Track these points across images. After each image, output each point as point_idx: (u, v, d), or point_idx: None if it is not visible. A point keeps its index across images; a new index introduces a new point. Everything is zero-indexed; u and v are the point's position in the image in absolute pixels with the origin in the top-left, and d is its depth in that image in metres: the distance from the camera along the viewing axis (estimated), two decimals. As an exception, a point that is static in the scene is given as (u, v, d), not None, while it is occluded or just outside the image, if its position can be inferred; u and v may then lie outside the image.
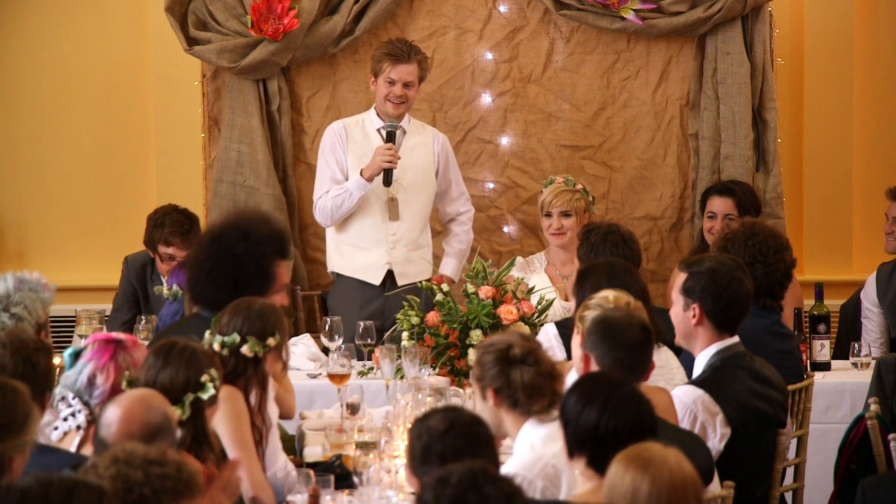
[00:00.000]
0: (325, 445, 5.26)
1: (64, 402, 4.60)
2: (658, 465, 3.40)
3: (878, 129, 8.41)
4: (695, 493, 3.42)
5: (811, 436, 6.09)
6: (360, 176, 7.11)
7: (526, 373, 4.28)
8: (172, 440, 4.03)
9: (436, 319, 6.34)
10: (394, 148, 7.09)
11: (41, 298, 4.99)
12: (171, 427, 4.02)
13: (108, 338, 4.65)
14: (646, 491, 3.38)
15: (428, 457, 3.69)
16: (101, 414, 4.04)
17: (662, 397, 4.97)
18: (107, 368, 4.62)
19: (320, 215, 7.28)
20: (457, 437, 3.66)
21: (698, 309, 5.18)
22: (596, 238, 6.10)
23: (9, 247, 8.36)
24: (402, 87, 7.18)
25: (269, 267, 5.49)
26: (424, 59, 7.28)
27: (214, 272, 5.41)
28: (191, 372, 4.39)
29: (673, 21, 7.84)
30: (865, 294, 7.45)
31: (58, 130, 8.34)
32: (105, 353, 4.63)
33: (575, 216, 7.20)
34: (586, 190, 7.30)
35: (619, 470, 3.43)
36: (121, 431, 3.96)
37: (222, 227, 5.59)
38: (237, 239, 5.46)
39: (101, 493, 3.24)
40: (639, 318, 4.66)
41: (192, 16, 7.87)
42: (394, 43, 7.30)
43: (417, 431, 3.74)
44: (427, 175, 7.32)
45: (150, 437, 3.95)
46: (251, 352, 4.84)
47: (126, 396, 4.11)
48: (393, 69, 7.17)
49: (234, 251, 5.43)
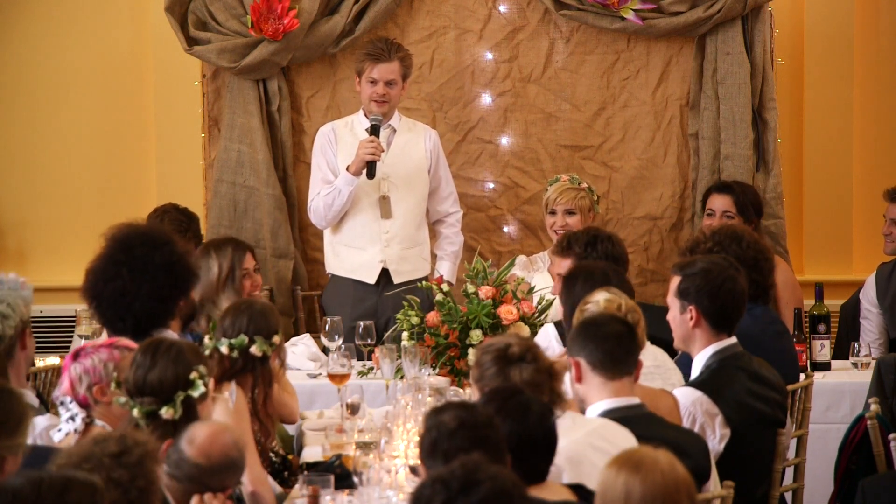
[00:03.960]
0: (325, 445, 5.26)
1: (63, 407, 4.61)
2: (650, 466, 3.40)
3: (878, 129, 8.41)
4: (688, 494, 3.42)
5: (811, 436, 6.09)
6: (346, 172, 7.14)
7: (525, 371, 4.28)
8: (236, 482, 4.16)
9: (436, 319, 6.35)
10: (377, 141, 7.11)
11: (21, 296, 4.98)
12: (241, 470, 4.13)
13: (127, 346, 4.67)
14: (639, 492, 3.38)
15: (434, 452, 3.68)
16: (187, 428, 4.14)
17: (667, 400, 4.98)
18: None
19: (314, 217, 7.31)
20: (465, 437, 3.65)
21: (695, 311, 5.18)
22: (579, 250, 6.11)
23: (9, 247, 8.36)
24: (385, 85, 7.20)
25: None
26: (407, 56, 7.29)
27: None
28: (179, 370, 4.40)
29: (673, 21, 7.84)
30: (865, 294, 7.44)
31: (58, 130, 8.34)
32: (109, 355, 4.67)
33: (579, 214, 7.21)
34: (591, 189, 7.31)
35: (612, 473, 3.43)
36: (201, 450, 4.06)
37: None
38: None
39: (93, 489, 3.25)
40: (616, 314, 4.72)
41: (192, 16, 7.87)
42: (374, 42, 7.33)
43: (429, 424, 3.73)
44: (420, 172, 7.34)
45: (224, 468, 4.05)
46: (259, 351, 4.86)
47: (219, 423, 4.26)
48: (374, 68, 7.20)
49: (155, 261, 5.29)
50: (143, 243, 5.28)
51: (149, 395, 4.39)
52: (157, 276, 5.14)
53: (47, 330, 7.97)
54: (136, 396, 4.40)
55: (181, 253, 5.36)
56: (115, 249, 5.29)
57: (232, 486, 4.11)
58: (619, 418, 4.45)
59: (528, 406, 3.89)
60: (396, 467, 4.72)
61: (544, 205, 7.30)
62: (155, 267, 5.20)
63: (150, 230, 5.45)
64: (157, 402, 4.38)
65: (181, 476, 4.08)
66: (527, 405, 3.89)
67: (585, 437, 4.28)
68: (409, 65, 7.30)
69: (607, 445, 4.27)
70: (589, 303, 5.01)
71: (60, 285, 8.22)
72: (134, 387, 4.40)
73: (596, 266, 5.57)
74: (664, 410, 4.85)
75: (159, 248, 5.28)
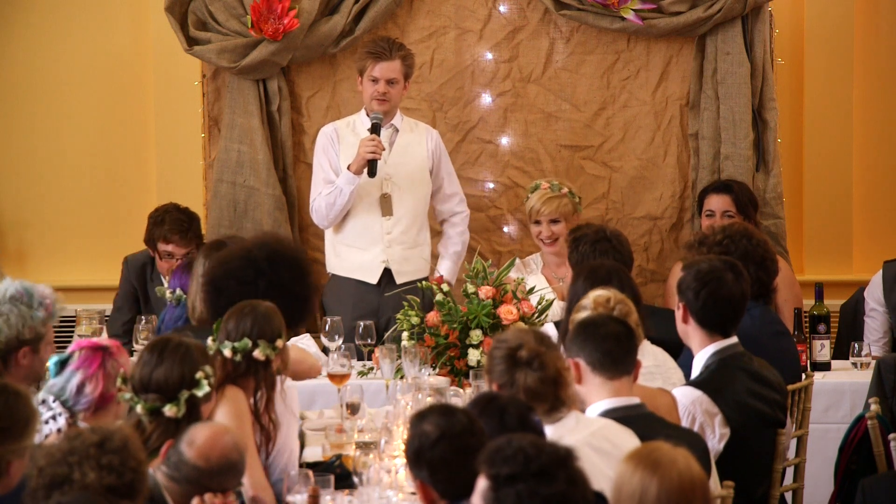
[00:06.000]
0: (325, 445, 5.26)
1: (45, 406, 4.60)
2: (667, 466, 3.40)
3: (878, 129, 8.40)
4: (703, 495, 3.41)
5: (811, 436, 6.09)
6: (347, 170, 7.14)
7: (529, 377, 4.29)
8: (236, 484, 4.15)
9: (436, 319, 6.35)
10: (377, 139, 7.11)
11: (32, 315, 4.95)
12: (241, 472, 4.14)
13: (95, 345, 4.65)
14: (654, 492, 3.38)
15: (419, 461, 3.73)
16: (187, 429, 4.14)
17: (665, 399, 4.99)
18: (96, 377, 4.63)
19: (316, 216, 7.31)
20: (446, 448, 3.69)
21: (683, 306, 5.23)
22: (585, 248, 6.12)
23: (9, 247, 8.36)
24: (386, 84, 7.21)
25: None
26: (409, 55, 7.30)
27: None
28: (185, 369, 4.41)
29: (673, 21, 7.84)
30: (870, 293, 7.43)
31: (58, 130, 8.34)
32: (94, 362, 4.64)
33: (564, 221, 7.25)
34: (572, 192, 7.33)
35: (628, 470, 3.42)
36: (200, 452, 4.06)
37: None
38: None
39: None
40: (613, 314, 4.73)
41: (192, 16, 7.87)
42: (376, 41, 7.33)
43: (412, 432, 3.76)
44: (422, 172, 7.34)
45: (223, 470, 4.05)
46: (263, 355, 4.84)
47: (220, 425, 4.26)
48: (375, 67, 7.21)
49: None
50: (290, 265, 5.37)
51: (154, 392, 4.40)
52: (285, 304, 5.12)
53: (47, 330, 7.95)
54: (141, 393, 4.41)
55: (315, 288, 5.49)
56: (262, 259, 5.35)
57: (231, 488, 4.11)
58: (620, 418, 4.45)
59: (505, 408, 3.90)
60: (396, 467, 4.72)
61: (528, 214, 7.34)
62: (289, 295, 5.24)
63: (300, 252, 5.60)
64: (162, 400, 4.39)
65: (180, 478, 4.08)
66: (503, 408, 3.90)
67: (587, 438, 4.28)
68: (410, 64, 7.31)
69: (609, 446, 4.27)
70: (584, 301, 5.03)
71: (60, 285, 8.15)
72: (139, 383, 4.41)
73: (601, 265, 5.58)
74: (662, 409, 4.85)
75: (302, 275, 5.39)
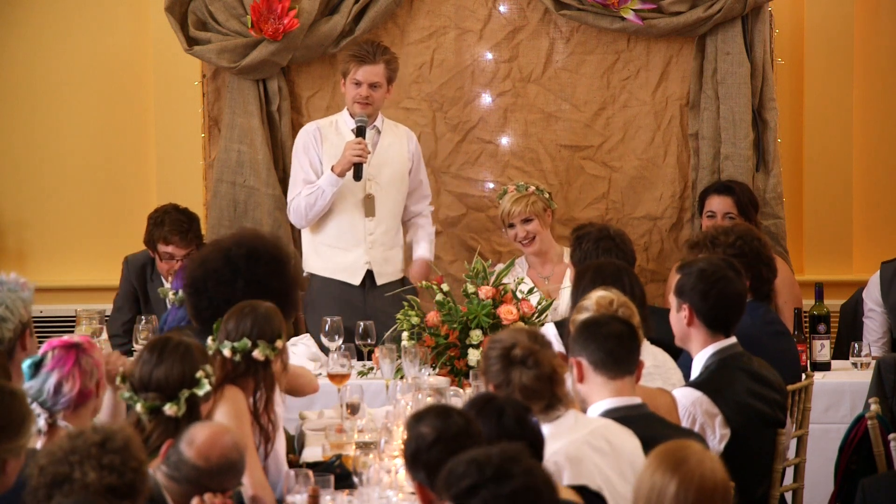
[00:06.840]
0: (325, 445, 5.26)
1: None
2: (691, 466, 3.38)
3: (878, 129, 8.40)
4: (724, 501, 3.40)
5: (811, 436, 6.09)
6: (331, 172, 7.14)
7: (525, 375, 4.29)
8: (236, 484, 4.15)
9: (436, 319, 6.35)
10: (364, 143, 7.12)
11: (21, 298, 4.96)
12: (240, 472, 4.13)
13: (67, 343, 4.63)
14: (672, 491, 3.37)
15: (416, 463, 3.73)
16: (187, 429, 4.14)
17: (665, 399, 4.99)
18: (72, 375, 4.61)
19: (294, 216, 7.31)
20: (443, 450, 3.69)
21: (688, 308, 5.20)
22: (588, 245, 6.13)
23: (9, 247, 8.36)
24: (368, 87, 7.22)
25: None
26: (393, 59, 7.30)
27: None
28: (186, 368, 4.42)
29: (673, 21, 7.84)
30: (868, 293, 7.43)
31: (58, 130, 8.34)
32: (68, 360, 4.62)
33: (536, 219, 7.28)
34: (540, 189, 7.35)
35: (652, 465, 3.41)
36: (200, 452, 4.06)
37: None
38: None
39: None
40: (616, 315, 4.72)
41: (192, 16, 7.87)
42: (361, 44, 7.35)
43: (409, 434, 3.77)
44: (402, 174, 7.38)
45: (223, 470, 4.05)
46: (262, 355, 4.84)
47: (220, 424, 4.28)
48: (358, 70, 7.21)
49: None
50: (267, 262, 5.34)
51: (154, 390, 4.40)
52: (267, 299, 5.10)
53: (47, 330, 7.96)
54: (141, 392, 4.41)
55: (297, 277, 5.43)
56: (240, 257, 5.34)
57: (231, 488, 4.11)
58: (621, 418, 4.45)
59: (503, 409, 3.90)
60: (396, 467, 4.72)
61: (501, 221, 7.37)
62: (268, 292, 5.21)
63: (278, 248, 5.48)
64: (162, 399, 4.39)
65: (180, 478, 4.08)
66: (501, 408, 3.90)
67: (586, 437, 4.28)
68: (394, 68, 7.31)
69: (607, 446, 4.27)
70: (586, 301, 5.03)
71: (60, 285, 8.22)
72: (139, 382, 4.42)
73: (608, 263, 5.58)
74: (662, 410, 4.85)
75: (280, 271, 5.35)
